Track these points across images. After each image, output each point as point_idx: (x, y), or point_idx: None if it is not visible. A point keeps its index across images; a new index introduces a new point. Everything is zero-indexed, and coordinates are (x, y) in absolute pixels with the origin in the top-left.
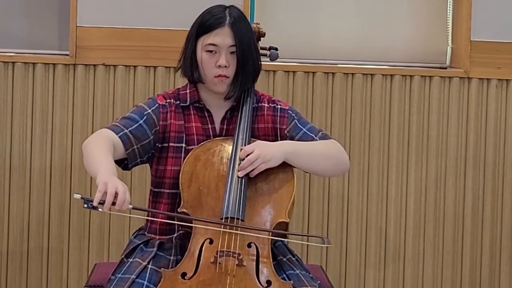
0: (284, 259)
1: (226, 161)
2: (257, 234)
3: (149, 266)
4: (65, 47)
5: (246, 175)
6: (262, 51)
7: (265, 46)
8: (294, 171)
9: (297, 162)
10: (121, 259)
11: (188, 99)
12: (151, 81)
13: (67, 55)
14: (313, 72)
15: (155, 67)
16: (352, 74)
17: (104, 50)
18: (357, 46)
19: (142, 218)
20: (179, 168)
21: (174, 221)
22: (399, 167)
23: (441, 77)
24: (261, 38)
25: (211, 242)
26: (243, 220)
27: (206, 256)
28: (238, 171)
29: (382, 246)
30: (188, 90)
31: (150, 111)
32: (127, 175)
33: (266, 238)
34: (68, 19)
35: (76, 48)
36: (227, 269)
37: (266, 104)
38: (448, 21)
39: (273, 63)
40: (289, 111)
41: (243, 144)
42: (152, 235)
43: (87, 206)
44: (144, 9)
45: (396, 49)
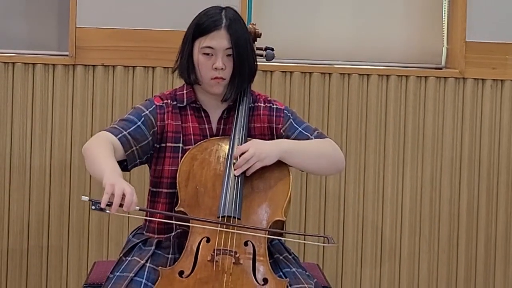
0: (281, 257)
1: (223, 161)
2: (254, 233)
3: (147, 264)
4: (64, 47)
5: (243, 174)
6: (258, 52)
7: (261, 46)
8: (290, 170)
9: (292, 160)
10: (119, 257)
11: (185, 99)
12: (149, 82)
13: (67, 55)
14: (310, 73)
15: (153, 68)
16: (349, 74)
17: (103, 51)
18: (353, 46)
19: (140, 218)
20: (176, 168)
21: (176, 220)
22: (395, 166)
23: (437, 77)
24: (257, 39)
25: (208, 241)
26: (239, 219)
27: (203, 254)
28: (234, 170)
29: (378, 245)
30: (184, 91)
31: (147, 112)
32: (126, 176)
33: (263, 237)
34: (67, 20)
35: (75, 49)
36: (224, 267)
37: (262, 104)
38: (443, 22)
39: (270, 64)
40: (285, 111)
41: (240, 144)
42: (151, 234)
43: (95, 208)
44: (142, 10)
45: (392, 49)
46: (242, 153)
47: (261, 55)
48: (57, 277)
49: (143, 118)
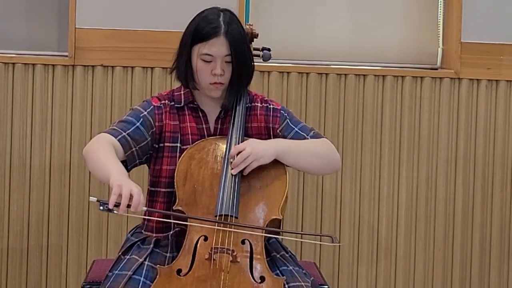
0: (278, 255)
1: (220, 160)
2: (251, 232)
3: (146, 262)
4: (64, 48)
5: (240, 173)
6: (255, 52)
7: (258, 47)
8: (287, 169)
9: (288, 160)
10: (118, 256)
11: (183, 100)
12: (148, 82)
13: (66, 56)
14: (307, 73)
15: (152, 68)
16: (345, 74)
17: (103, 52)
18: (350, 47)
19: (139, 217)
20: (174, 168)
21: (178, 220)
22: (391, 165)
23: (432, 77)
24: (254, 39)
25: (205, 239)
26: (237, 217)
27: (201, 252)
28: (232, 169)
29: (374, 243)
30: (182, 91)
31: (146, 113)
32: None
33: (260, 235)
34: (67, 21)
35: (75, 50)
36: (222, 266)
37: (259, 104)
38: (439, 23)
39: (267, 64)
40: (281, 111)
41: (237, 143)
42: (149, 233)
43: (103, 208)
44: (141, 11)
45: (388, 50)
46: (239, 152)
47: (258, 56)
48: (57, 275)
49: (141, 119)
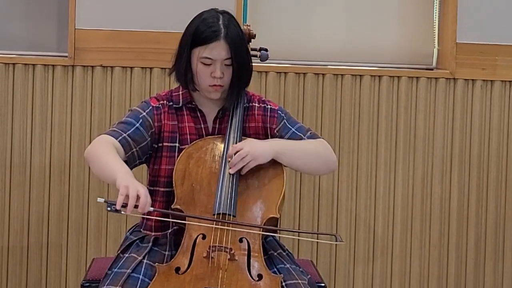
0: (275, 253)
1: (218, 159)
2: (249, 230)
3: (144, 261)
4: (64, 49)
5: (237, 172)
6: (252, 52)
7: (256, 47)
8: (284, 168)
9: (285, 159)
10: (117, 254)
11: (181, 100)
12: (147, 82)
13: (66, 56)
14: (304, 73)
15: (151, 68)
16: (342, 75)
17: (102, 52)
18: (347, 48)
19: (137, 216)
20: (173, 167)
21: (182, 219)
22: (387, 165)
23: (428, 78)
24: (252, 40)
25: (204, 238)
26: (234, 216)
27: (199, 251)
28: (229, 168)
29: (371, 241)
30: (180, 92)
31: (145, 114)
32: None
33: (257, 233)
34: (67, 22)
35: (74, 50)
36: (220, 264)
37: (256, 104)
38: (434, 24)
39: (265, 65)
40: (279, 111)
41: (234, 143)
42: (148, 231)
43: (110, 209)
44: (140, 12)
45: (384, 51)
46: (237, 152)
47: (256, 56)
48: (57, 273)
49: (141, 120)
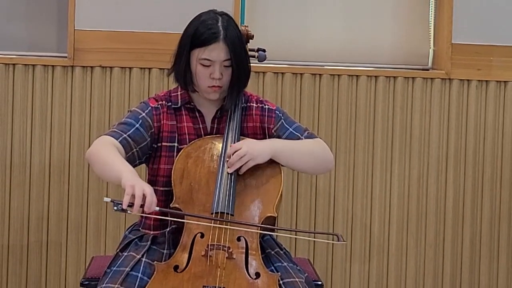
0: (272, 252)
1: (216, 158)
2: (246, 229)
3: (143, 259)
4: (63, 49)
5: (235, 172)
6: (250, 53)
7: (253, 48)
8: (281, 168)
9: (283, 159)
10: (116, 253)
11: (179, 100)
12: (145, 82)
13: (66, 57)
14: (301, 74)
15: (149, 69)
16: (338, 75)
17: (101, 53)
18: (343, 48)
19: (136, 214)
20: (171, 167)
21: (187, 219)
22: (383, 164)
23: (424, 78)
24: (250, 40)
25: (202, 236)
26: (232, 215)
27: (197, 249)
28: (228, 168)
29: (367, 240)
30: (179, 92)
31: (144, 114)
32: None
33: (255, 232)
34: (66, 23)
35: (74, 51)
36: (218, 262)
37: (254, 104)
38: (430, 24)
39: (262, 65)
40: (276, 111)
41: (233, 142)
42: (146, 230)
43: (117, 209)
44: (138, 14)
45: (381, 51)
46: (235, 151)
47: (253, 56)
48: (56, 271)
49: (140, 121)
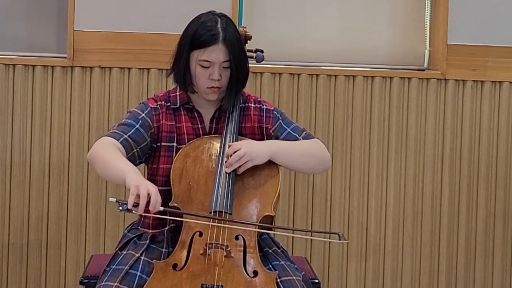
0: (270, 250)
1: (215, 158)
2: (244, 227)
3: (142, 257)
4: (63, 50)
5: (234, 171)
6: (248, 54)
7: (252, 48)
8: (279, 167)
9: (282, 160)
10: (115, 251)
11: (178, 101)
12: (144, 83)
13: (65, 57)
14: (298, 74)
15: (148, 69)
16: (335, 76)
17: (100, 53)
18: (340, 49)
19: (135, 213)
20: (170, 166)
21: (186, 218)
22: (379, 164)
23: (419, 78)
24: (248, 41)
25: (200, 235)
26: (230, 214)
27: (196, 248)
28: (226, 167)
29: (363, 239)
30: (178, 93)
31: (144, 115)
32: None
33: (253, 231)
34: (66, 24)
35: (73, 51)
36: (216, 260)
37: (252, 105)
38: (425, 25)
39: (260, 66)
40: (274, 112)
41: (231, 142)
42: (145, 229)
43: (122, 209)
44: (138, 14)
45: (377, 52)
46: (234, 151)
47: (251, 57)
48: (56, 270)
49: (140, 121)
